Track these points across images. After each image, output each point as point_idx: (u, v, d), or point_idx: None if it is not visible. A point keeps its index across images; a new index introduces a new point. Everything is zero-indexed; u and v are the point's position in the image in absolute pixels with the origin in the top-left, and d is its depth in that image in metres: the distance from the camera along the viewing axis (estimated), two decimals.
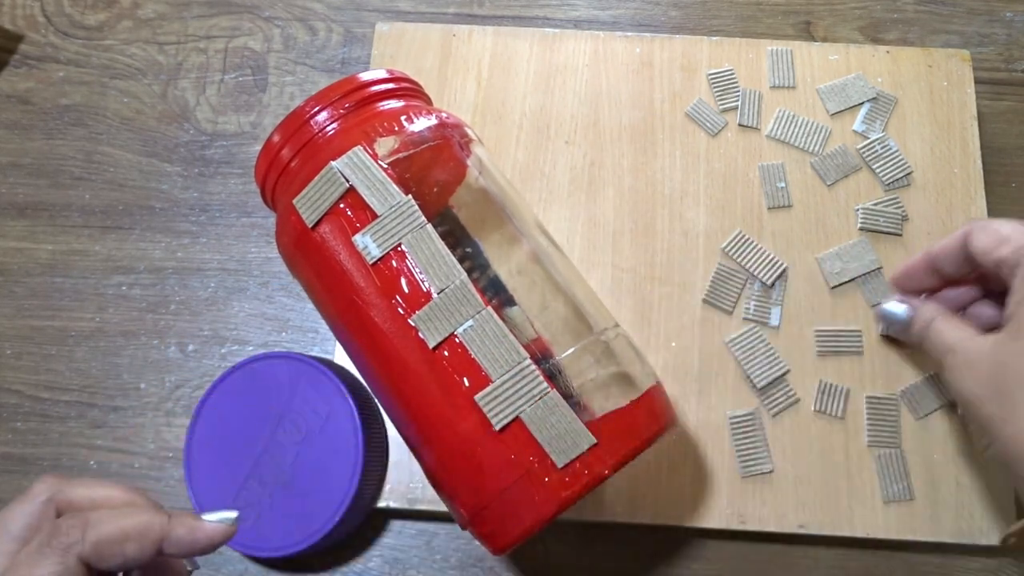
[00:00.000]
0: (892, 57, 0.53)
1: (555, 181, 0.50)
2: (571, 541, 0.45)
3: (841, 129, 0.51)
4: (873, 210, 0.49)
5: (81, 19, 0.57)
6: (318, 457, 0.41)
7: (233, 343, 0.49)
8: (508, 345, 0.33)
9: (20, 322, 0.50)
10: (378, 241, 0.35)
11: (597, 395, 0.36)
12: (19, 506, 0.29)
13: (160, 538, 0.28)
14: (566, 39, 0.54)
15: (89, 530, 0.27)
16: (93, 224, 0.52)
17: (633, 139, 0.51)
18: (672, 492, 0.44)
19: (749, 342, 0.46)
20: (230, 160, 0.53)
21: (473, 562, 0.45)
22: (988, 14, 0.57)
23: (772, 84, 0.52)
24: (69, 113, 0.55)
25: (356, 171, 0.35)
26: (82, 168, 0.53)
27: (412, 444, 0.37)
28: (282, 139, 0.38)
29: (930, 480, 0.44)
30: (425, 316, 0.34)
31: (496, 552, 0.35)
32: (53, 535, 0.27)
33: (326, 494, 0.40)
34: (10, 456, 0.47)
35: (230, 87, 0.55)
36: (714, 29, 0.57)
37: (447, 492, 0.36)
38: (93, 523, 0.27)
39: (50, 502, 0.29)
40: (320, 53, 0.56)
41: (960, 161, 0.50)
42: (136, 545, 0.27)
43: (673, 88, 0.52)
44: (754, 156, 0.51)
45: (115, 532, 0.27)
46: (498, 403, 0.33)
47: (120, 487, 0.30)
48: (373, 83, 0.39)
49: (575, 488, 0.33)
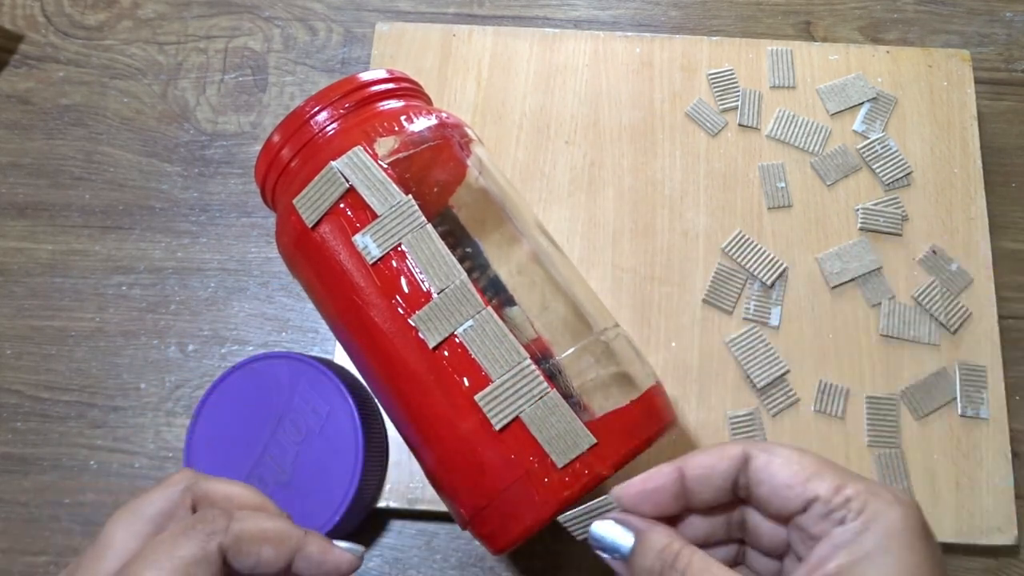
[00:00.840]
0: (892, 57, 0.53)
1: (555, 181, 0.50)
2: (571, 541, 0.45)
3: (841, 129, 0.51)
4: (873, 210, 0.49)
5: (81, 19, 0.57)
6: (318, 457, 0.41)
7: (233, 343, 0.49)
8: (508, 345, 0.33)
9: (20, 322, 0.50)
10: (378, 241, 0.35)
11: (597, 395, 0.36)
12: (156, 492, 0.29)
13: (296, 549, 0.28)
14: (566, 39, 0.54)
15: (233, 523, 0.27)
16: (93, 224, 0.52)
17: (633, 139, 0.51)
18: None
19: (749, 342, 0.46)
20: (230, 160, 0.53)
21: (473, 562, 0.45)
22: (988, 14, 0.57)
23: (772, 84, 0.52)
24: (69, 113, 0.55)
25: (356, 171, 0.35)
26: (82, 168, 0.53)
27: (412, 444, 0.37)
28: (282, 139, 0.38)
29: (930, 480, 0.44)
30: (425, 316, 0.34)
31: (496, 552, 0.35)
32: (198, 520, 0.27)
33: (326, 494, 0.40)
34: (10, 456, 0.47)
35: (230, 87, 0.55)
36: (714, 29, 0.57)
37: (447, 492, 0.36)
38: (237, 518, 0.27)
39: (187, 491, 0.29)
40: (320, 53, 0.56)
41: (960, 161, 0.50)
42: (273, 550, 0.28)
43: (673, 88, 0.52)
44: (754, 156, 0.51)
45: (256, 531, 0.27)
46: (498, 403, 0.33)
47: (252, 490, 0.30)
48: (373, 83, 0.39)
49: (575, 488, 0.33)
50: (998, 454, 0.45)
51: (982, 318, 0.47)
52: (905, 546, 0.26)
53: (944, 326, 0.47)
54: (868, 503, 0.26)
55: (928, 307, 0.47)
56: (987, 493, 0.44)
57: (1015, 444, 0.45)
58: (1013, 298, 0.49)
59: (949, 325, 0.47)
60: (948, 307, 0.47)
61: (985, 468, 0.44)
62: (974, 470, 0.44)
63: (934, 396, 0.46)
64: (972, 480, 0.44)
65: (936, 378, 0.46)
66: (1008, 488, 0.44)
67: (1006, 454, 0.45)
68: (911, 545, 0.26)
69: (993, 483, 0.44)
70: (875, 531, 0.26)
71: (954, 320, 0.47)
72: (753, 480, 0.28)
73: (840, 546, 0.26)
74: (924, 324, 0.47)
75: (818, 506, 0.27)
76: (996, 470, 0.44)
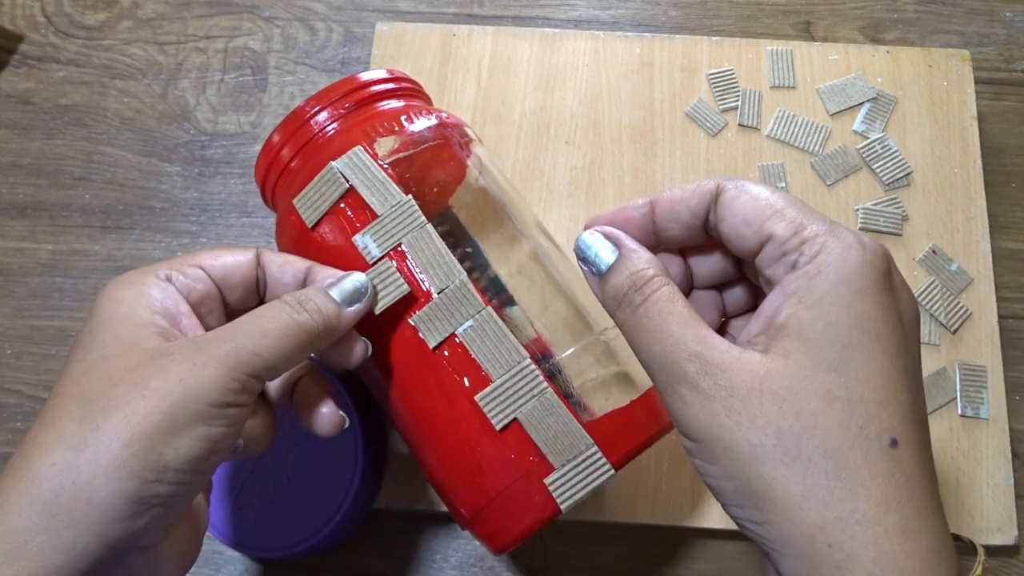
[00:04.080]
0: (892, 57, 0.53)
1: (555, 181, 0.50)
2: (571, 541, 0.45)
3: (841, 129, 0.51)
4: (873, 210, 0.49)
5: (81, 19, 0.57)
6: (318, 457, 0.41)
7: None
8: (508, 345, 0.33)
9: (20, 322, 0.50)
10: (378, 241, 0.34)
11: (597, 395, 0.36)
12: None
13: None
14: (566, 39, 0.54)
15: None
16: (93, 224, 0.52)
17: (633, 139, 0.51)
18: (672, 492, 0.44)
19: None
20: (230, 160, 0.53)
21: (473, 562, 0.45)
22: (988, 14, 0.57)
23: (772, 84, 0.52)
24: (69, 113, 0.55)
25: (356, 171, 0.35)
26: (82, 168, 0.53)
27: (412, 444, 0.37)
28: (282, 139, 0.38)
29: None
30: (425, 316, 0.34)
31: (496, 552, 0.35)
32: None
33: (326, 494, 0.40)
34: (10, 456, 0.47)
35: (230, 87, 0.55)
36: (714, 29, 0.57)
37: (447, 492, 0.36)
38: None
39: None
40: (320, 53, 0.56)
41: (960, 161, 0.50)
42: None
43: (673, 88, 0.52)
44: (754, 156, 0.51)
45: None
46: (498, 403, 0.33)
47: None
48: (373, 83, 0.39)
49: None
50: (998, 454, 0.45)
51: (982, 318, 0.47)
52: (857, 292, 0.23)
53: (944, 326, 0.47)
54: (826, 245, 0.24)
55: (928, 307, 0.47)
56: (987, 493, 0.44)
57: (1015, 444, 0.45)
58: (1013, 298, 0.49)
59: (949, 325, 0.47)
60: (948, 307, 0.47)
61: (985, 468, 0.44)
62: (974, 470, 0.44)
63: (934, 396, 0.46)
64: (972, 480, 0.44)
65: (936, 378, 0.46)
66: (1008, 488, 0.44)
67: (1006, 454, 0.45)
68: (865, 292, 0.23)
69: (993, 483, 0.44)
70: (827, 276, 0.24)
71: (954, 320, 0.47)
72: (719, 216, 0.26)
73: (791, 293, 0.24)
74: (924, 324, 0.47)
75: (771, 247, 0.25)
76: (996, 470, 0.44)
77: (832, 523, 0.22)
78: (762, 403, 0.23)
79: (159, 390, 0.26)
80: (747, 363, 0.24)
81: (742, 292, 0.30)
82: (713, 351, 0.24)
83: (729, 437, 0.23)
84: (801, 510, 0.22)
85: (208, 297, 0.31)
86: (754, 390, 0.23)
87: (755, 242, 0.25)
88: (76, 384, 0.26)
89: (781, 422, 0.23)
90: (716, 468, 0.24)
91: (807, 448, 0.23)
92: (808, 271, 0.24)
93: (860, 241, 0.24)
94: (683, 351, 0.24)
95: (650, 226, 0.28)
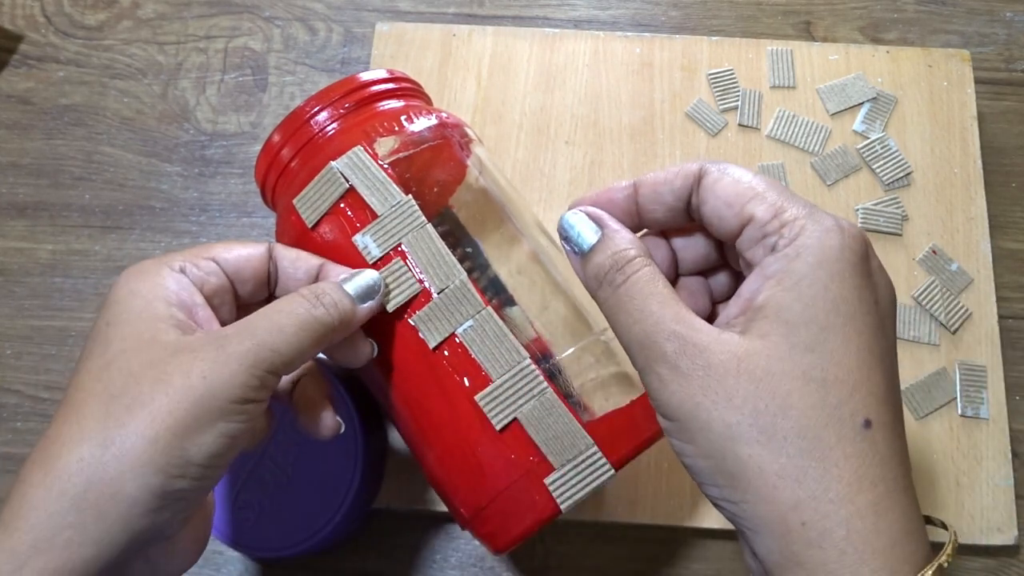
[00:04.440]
0: (892, 57, 0.53)
1: (555, 181, 0.50)
2: (571, 541, 0.45)
3: (841, 129, 0.51)
4: (873, 210, 0.49)
5: (81, 19, 0.57)
6: (318, 457, 0.41)
7: None
8: (508, 345, 0.33)
9: (20, 322, 0.50)
10: (378, 241, 0.34)
11: (597, 395, 0.36)
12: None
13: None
14: (566, 39, 0.54)
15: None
16: (93, 224, 0.52)
17: (633, 139, 0.51)
18: (672, 492, 0.44)
19: None
20: (230, 160, 0.53)
21: (473, 562, 0.45)
22: (988, 14, 0.57)
23: (772, 84, 0.52)
24: (69, 113, 0.55)
25: (356, 171, 0.35)
26: (82, 168, 0.53)
27: (412, 444, 0.37)
28: (282, 139, 0.38)
29: (930, 480, 0.44)
30: (425, 316, 0.34)
31: (496, 552, 0.35)
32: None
33: (326, 494, 0.40)
34: (10, 456, 0.47)
35: (230, 87, 0.55)
36: (714, 29, 0.57)
37: (447, 492, 0.36)
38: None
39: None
40: (320, 53, 0.56)
41: (960, 161, 0.50)
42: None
43: (673, 88, 0.52)
44: (754, 156, 0.51)
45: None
46: (498, 403, 0.33)
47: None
48: (373, 83, 0.39)
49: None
50: (998, 454, 0.45)
51: (982, 318, 0.47)
52: (835, 275, 0.24)
53: (944, 326, 0.47)
54: (805, 228, 0.24)
55: (928, 307, 0.47)
56: (987, 493, 0.44)
57: (1015, 444, 0.45)
58: (1013, 298, 0.49)
59: (949, 325, 0.47)
60: (948, 307, 0.47)
61: (985, 468, 0.44)
62: (974, 470, 0.44)
63: (934, 396, 0.46)
64: (972, 480, 0.44)
65: (936, 378, 0.46)
66: (1008, 488, 0.44)
67: (1006, 454, 0.45)
68: (842, 275, 0.24)
69: (993, 483, 0.44)
70: (805, 258, 0.24)
71: (954, 320, 0.47)
72: (701, 198, 0.27)
73: (769, 275, 0.24)
74: (924, 324, 0.47)
75: (751, 229, 0.25)
76: (996, 470, 0.44)
77: (806, 502, 0.22)
78: (739, 383, 0.23)
79: (182, 387, 0.26)
80: (725, 343, 0.24)
81: (726, 278, 0.30)
82: (692, 331, 0.24)
83: (706, 416, 0.24)
84: (776, 489, 0.23)
85: (221, 290, 0.31)
86: (731, 370, 0.24)
87: (736, 224, 0.26)
88: (97, 380, 0.27)
89: (757, 402, 0.23)
90: (692, 447, 0.24)
91: (782, 428, 0.23)
92: (787, 253, 0.24)
93: (839, 225, 0.25)
94: (662, 330, 0.25)
95: (633, 208, 0.28)
